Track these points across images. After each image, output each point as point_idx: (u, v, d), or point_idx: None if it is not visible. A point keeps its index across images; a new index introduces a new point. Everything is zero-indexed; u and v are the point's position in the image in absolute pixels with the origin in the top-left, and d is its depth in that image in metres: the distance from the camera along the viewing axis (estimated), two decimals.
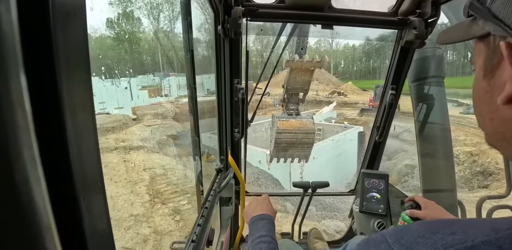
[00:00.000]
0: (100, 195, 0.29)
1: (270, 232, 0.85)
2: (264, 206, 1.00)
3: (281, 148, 1.68)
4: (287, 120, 1.64)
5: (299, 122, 1.64)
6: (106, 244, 0.31)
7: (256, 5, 1.24)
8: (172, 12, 24.14)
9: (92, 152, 0.28)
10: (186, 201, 5.51)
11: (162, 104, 14.14)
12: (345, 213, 7.05)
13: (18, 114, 0.18)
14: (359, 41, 37.38)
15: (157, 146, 8.96)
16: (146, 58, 16.63)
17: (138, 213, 4.91)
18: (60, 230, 0.22)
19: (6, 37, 0.17)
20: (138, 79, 17.12)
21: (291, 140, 1.64)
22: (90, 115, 0.27)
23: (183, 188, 6.01)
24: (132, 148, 8.05)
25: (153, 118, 11.95)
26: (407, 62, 1.46)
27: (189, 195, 5.68)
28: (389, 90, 1.50)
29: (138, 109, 12.71)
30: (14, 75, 0.18)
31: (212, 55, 1.38)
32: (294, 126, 1.62)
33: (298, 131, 1.62)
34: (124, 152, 7.84)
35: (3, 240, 0.18)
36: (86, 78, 0.26)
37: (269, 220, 0.91)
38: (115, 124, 9.90)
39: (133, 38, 17.50)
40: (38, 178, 0.20)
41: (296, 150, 1.70)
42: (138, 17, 15.67)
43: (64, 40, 0.22)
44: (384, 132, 1.62)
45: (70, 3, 0.23)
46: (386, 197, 1.55)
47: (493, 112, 0.37)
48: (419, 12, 1.23)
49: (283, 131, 1.61)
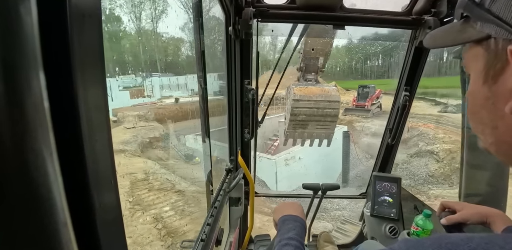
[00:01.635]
0: (112, 192, 0.30)
1: (299, 236, 0.80)
2: (299, 210, 0.95)
3: (298, 123, 1.40)
4: (305, 86, 1.38)
5: (320, 89, 1.38)
6: (117, 239, 0.32)
7: (267, 6, 1.25)
8: (155, 11, 24.14)
9: (106, 149, 0.29)
10: (168, 208, 5.40)
11: (146, 105, 13.39)
12: (331, 213, 6.93)
13: (38, 113, 0.19)
14: (343, 41, 37.00)
15: (139, 149, 8.64)
16: (127, 58, 16.52)
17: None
18: (75, 225, 0.23)
19: (27, 38, 0.18)
20: (120, 79, 16.56)
21: (311, 110, 1.36)
22: (104, 114, 0.28)
23: (166, 193, 5.87)
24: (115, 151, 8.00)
25: (135, 120, 11.19)
26: (422, 63, 1.42)
27: (172, 200, 5.55)
28: (403, 91, 1.47)
29: (119, 111, 11.62)
30: (34, 75, 0.18)
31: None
32: (315, 93, 1.36)
33: (320, 98, 1.36)
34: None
35: (25, 234, 0.19)
36: (101, 78, 0.27)
37: (301, 223, 0.86)
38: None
39: (114, 37, 17.67)
40: (56, 175, 0.21)
41: (318, 126, 1.41)
42: (118, 15, 15.62)
43: (80, 41, 0.23)
44: (397, 134, 1.58)
45: (85, 5, 0.24)
46: (398, 201, 1.51)
47: (497, 121, 0.34)
48: (434, 11, 1.20)
49: (301, 98, 1.35)
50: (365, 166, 10.41)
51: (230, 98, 1.47)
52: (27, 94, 0.18)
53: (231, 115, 1.51)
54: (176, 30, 5.37)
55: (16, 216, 0.19)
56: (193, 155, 8.36)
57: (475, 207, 0.90)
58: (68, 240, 0.22)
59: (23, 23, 0.17)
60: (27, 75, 0.18)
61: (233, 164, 1.64)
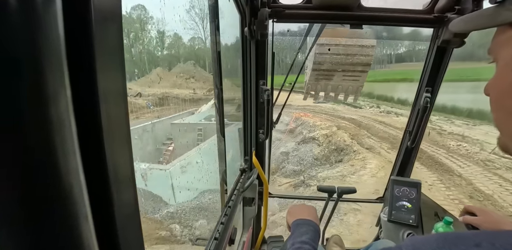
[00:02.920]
0: (130, 188, 0.31)
1: (312, 241, 0.80)
2: (313, 213, 0.96)
3: (321, 73, 1.18)
4: (333, 28, 1.14)
5: (351, 31, 1.12)
6: (135, 235, 0.33)
7: (282, 6, 1.24)
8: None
9: (125, 147, 0.30)
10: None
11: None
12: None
13: (63, 111, 0.20)
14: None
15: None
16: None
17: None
18: (95, 217, 0.24)
19: (53, 41, 0.19)
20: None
21: (338, 57, 1.13)
22: (124, 112, 0.29)
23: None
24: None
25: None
26: (444, 62, 1.37)
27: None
28: (424, 93, 1.42)
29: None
30: (59, 76, 0.20)
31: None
32: (345, 35, 1.12)
33: (351, 42, 1.14)
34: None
35: (51, 225, 0.20)
36: (121, 78, 0.28)
37: (315, 228, 0.87)
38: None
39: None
40: (78, 171, 0.22)
41: (345, 77, 1.18)
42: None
43: (102, 43, 0.24)
44: (417, 137, 1.52)
45: (107, 9, 0.25)
46: (418, 207, 1.45)
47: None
48: (458, 8, 1.15)
49: (328, 42, 1.13)
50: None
51: (245, 98, 1.48)
52: (53, 94, 0.19)
53: (246, 115, 1.52)
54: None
55: (44, 209, 0.20)
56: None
57: (496, 215, 0.89)
58: (88, 231, 0.23)
59: (50, 27, 0.18)
60: (53, 76, 0.19)
61: (247, 164, 1.65)
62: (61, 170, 0.20)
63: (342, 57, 1.14)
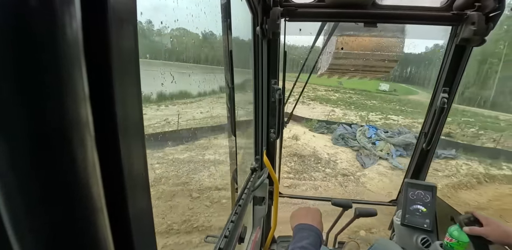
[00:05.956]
0: (143, 184, 0.32)
1: (312, 246, 0.81)
2: (317, 218, 0.95)
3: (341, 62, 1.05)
4: (355, 34, 0.97)
5: (375, 40, 0.95)
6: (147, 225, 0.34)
7: (295, 5, 1.24)
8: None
9: (139, 145, 0.31)
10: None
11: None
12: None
13: (81, 111, 0.21)
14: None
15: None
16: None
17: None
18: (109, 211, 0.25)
19: (72, 42, 0.20)
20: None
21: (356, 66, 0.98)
22: (138, 113, 0.30)
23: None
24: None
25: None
26: (463, 62, 1.31)
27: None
28: (441, 93, 1.36)
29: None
30: (78, 76, 0.21)
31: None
32: (367, 47, 0.97)
33: (375, 54, 0.93)
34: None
35: (68, 217, 0.21)
36: (136, 78, 0.29)
37: (317, 233, 0.87)
38: None
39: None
40: (95, 167, 0.23)
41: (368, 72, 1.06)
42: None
43: (119, 43, 0.25)
44: (433, 139, 1.47)
45: (123, 11, 0.26)
46: (433, 211, 1.41)
47: None
48: (478, 5, 1.10)
49: (346, 56, 0.94)
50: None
51: (256, 98, 1.48)
52: (71, 94, 0.20)
53: (257, 115, 1.53)
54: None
55: (63, 202, 0.21)
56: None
57: (503, 225, 0.88)
58: (103, 224, 0.24)
59: (69, 29, 0.19)
60: (71, 76, 0.20)
61: (258, 163, 1.65)
62: (79, 167, 0.21)
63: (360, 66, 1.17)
